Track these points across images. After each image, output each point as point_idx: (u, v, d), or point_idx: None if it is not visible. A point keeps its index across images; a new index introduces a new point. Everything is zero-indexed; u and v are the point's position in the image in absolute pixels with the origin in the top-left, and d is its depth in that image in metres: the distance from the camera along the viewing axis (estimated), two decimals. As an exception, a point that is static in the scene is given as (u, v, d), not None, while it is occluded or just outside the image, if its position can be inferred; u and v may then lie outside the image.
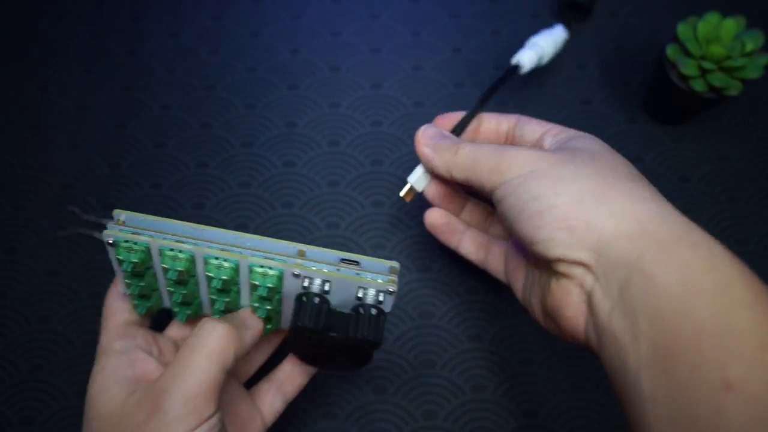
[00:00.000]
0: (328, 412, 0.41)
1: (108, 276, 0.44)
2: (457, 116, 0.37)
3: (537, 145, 0.33)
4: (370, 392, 0.42)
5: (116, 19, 0.52)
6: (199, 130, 0.48)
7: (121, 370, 0.30)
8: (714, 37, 0.42)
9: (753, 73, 0.41)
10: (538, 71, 0.49)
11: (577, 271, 0.27)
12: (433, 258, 0.45)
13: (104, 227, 0.45)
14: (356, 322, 0.29)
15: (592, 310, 0.27)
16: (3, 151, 0.48)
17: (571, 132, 0.32)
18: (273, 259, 0.29)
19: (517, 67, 0.42)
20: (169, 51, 0.51)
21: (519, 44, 0.52)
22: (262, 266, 0.29)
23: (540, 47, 0.44)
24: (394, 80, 0.50)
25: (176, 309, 0.33)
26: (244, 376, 0.37)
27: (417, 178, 0.37)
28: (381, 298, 0.30)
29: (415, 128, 0.49)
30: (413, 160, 0.47)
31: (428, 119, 0.49)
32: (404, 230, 0.45)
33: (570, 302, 0.28)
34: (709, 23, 0.42)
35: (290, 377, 0.36)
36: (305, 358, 0.35)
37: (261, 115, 0.49)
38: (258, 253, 0.29)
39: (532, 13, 0.53)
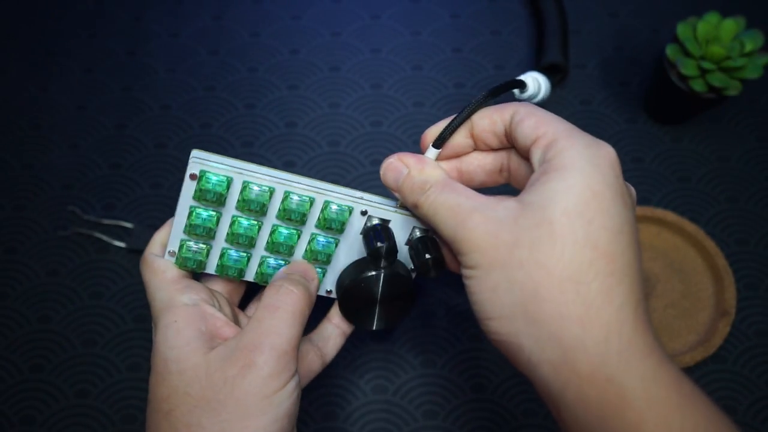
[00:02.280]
0: (328, 412, 0.41)
1: (108, 276, 0.44)
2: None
3: (528, 159, 0.29)
4: (370, 392, 0.42)
5: (116, 19, 0.53)
6: (199, 131, 0.48)
7: (196, 323, 0.30)
8: (713, 37, 0.42)
9: (752, 74, 0.41)
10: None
11: None
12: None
13: (103, 226, 0.45)
14: (419, 249, 0.32)
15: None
16: (3, 151, 0.48)
17: (558, 147, 0.27)
18: (342, 196, 0.32)
19: (523, 83, 0.36)
20: (169, 51, 0.51)
21: (519, 44, 0.52)
22: (337, 203, 0.32)
23: (539, 84, 0.39)
24: (394, 80, 0.50)
25: (228, 263, 0.33)
26: None
27: None
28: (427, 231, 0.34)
29: (415, 128, 0.49)
30: (413, 160, 0.47)
31: (428, 119, 0.49)
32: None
33: None
34: (708, 23, 0.42)
35: (331, 338, 0.36)
36: (353, 314, 0.35)
37: (261, 116, 0.49)
38: (331, 192, 0.32)
39: (531, 13, 0.53)
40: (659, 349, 0.25)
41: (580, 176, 0.26)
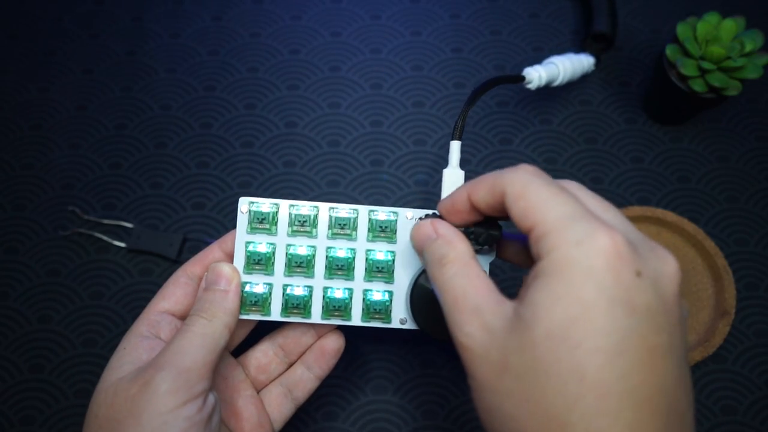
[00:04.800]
0: (328, 412, 0.41)
1: (108, 276, 0.44)
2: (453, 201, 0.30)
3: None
4: (370, 392, 0.42)
5: (116, 19, 0.53)
6: (199, 131, 0.49)
7: (138, 352, 0.31)
8: (713, 37, 0.42)
9: (752, 74, 0.41)
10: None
11: None
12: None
13: (103, 226, 0.45)
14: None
15: None
16: (3, 151, 0.48)
17: (547, 244, 0.23)
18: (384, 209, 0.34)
19: (522, 78, 0.41)
20: (169, 51, 0.51)
21: (519, 44, 0.52)
22: (382, 211, 0.34)
23: (555, 67, 0.42)
24: (394, 81, 0.50)
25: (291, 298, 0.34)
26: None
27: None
28: None
29: (415, 128, 0.49)
30: (413, 160, 0.47)
31: (428, 119, 0.49)
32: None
33: None
34: (708, 23, 0.42)
35: (302, 381, 0.36)
36: (436, 327, 0.33)
37: (261, 116, 0.49)
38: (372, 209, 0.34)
39: (531, 13, 0.53)
40: None
41: (567, 285, 0.22)
